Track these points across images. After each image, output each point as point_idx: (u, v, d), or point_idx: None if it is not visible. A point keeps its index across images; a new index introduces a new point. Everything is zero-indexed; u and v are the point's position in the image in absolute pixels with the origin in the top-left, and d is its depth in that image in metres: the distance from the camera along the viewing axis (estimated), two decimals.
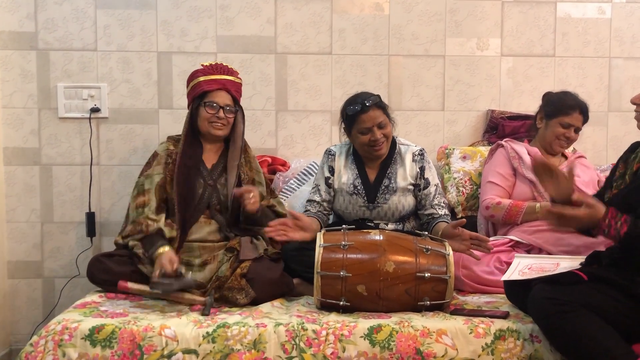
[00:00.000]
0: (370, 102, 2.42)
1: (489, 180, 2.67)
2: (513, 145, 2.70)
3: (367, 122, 2.42)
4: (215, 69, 2.52)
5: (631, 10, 3.12)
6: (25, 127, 2.99)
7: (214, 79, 2.49)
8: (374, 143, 2.44)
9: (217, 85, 2.49)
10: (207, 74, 2.50)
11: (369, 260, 2.09)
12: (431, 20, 3.07)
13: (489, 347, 1.93)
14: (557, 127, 2.64)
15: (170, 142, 2.55)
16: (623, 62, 3.14)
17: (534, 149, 2.67)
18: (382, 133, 2.44)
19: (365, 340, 1.93)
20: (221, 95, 2.49)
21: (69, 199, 3.02)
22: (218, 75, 2.50)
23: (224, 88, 2.50)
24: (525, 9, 3.10)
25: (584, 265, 1.95)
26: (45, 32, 2.97)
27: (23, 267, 3.03)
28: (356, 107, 2.42)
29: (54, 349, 1.91)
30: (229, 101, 2.50)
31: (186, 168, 2.45)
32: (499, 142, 2.77)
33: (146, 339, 1.92)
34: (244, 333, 1.95)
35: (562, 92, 2.71)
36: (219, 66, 2.53)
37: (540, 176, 1.90)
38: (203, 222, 2.44)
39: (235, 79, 2.55)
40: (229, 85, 2.51)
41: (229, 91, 2.51)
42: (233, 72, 2.56)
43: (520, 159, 2.64)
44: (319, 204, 2.55)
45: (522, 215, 2.54)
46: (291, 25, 3.04)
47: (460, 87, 3.11)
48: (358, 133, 2.46)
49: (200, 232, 2.43)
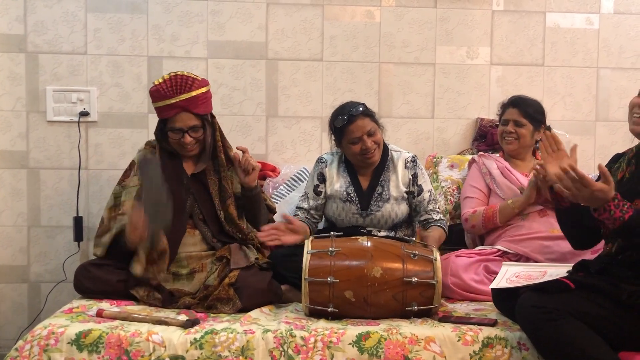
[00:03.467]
0: (357, 111, 2.42)
1: (466, 196, 2.71)
2: (485, 160, 2.73)
3: (356, 132, 2.43)
4: (170, 89, 2.29)
5: (618, 22, 3.17)
6: (13, 130, 2.97)
7: (169, 104, 2.30)
8: (365, 152, 2.44)
9: (175, 110, 2.30)
10: (163, 99, 2.30)
11: (357, 266, 2.09)
12: (422, 29, 3.09)
13: (477, 355, 1.94)
14: (500, 127, 2.72)
15: (148, 149, 2.46)
16: (610, 72, 3.18)
17: (504, 163, 2.70)
18: (373, 140, 2.45)
19: (353, 348, 1.93)
20: (182, 118, 2.31)
21: (57, 203, 2.99)
22: (174, 98, 2.29)
23: (184, 109, 2.30)
24: (515, 19, 3.13)
25: (571, 273, 1.96)
26: (35, 35, 2.95)
27: (9, 272, 3.00)
28: (344, 118, 2.43)
29: (39, 353, 1.89)
30: (193, 121, 2.33)
31: (170, 180, 2.33)
32: (473, 157, 2.82)
33: (133, 344, 1.91)
34: (231, 339, 1.94)
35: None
36: (173, 84, 2.29)
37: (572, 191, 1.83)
38: (187, 233, 2.38)
39: (196, 92, 2.31)
40: (188, 104, 2.30)
41: (190, 110, 2.31)
42: (191, 85, 2.31)
43: (490, 175, 2.67)
44: (307, 211, 2.55)
45: (499, 214, 2.56)
46: (282, 31, 3.05)
47: (450, 95, 3.13)
48: (349, 144, 2.47)
49: (185, 242, 2.36)
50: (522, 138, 2.66)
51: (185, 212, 2.38)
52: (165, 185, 2.26)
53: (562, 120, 3.14)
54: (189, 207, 2.39)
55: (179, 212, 2.35)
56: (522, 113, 2.66)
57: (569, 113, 3.17)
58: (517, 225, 2.56)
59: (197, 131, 2.36)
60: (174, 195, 2.32)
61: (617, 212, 1.79)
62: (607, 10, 3.16)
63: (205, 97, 2.38)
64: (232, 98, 3.04)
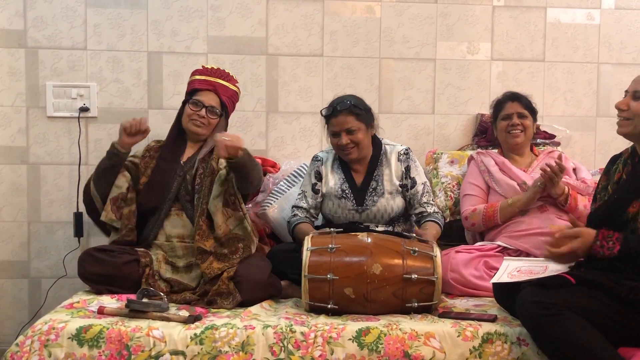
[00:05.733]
0: (342, 107, 2.42)
1: (465, 194, 2.71)
2: (483, 158, 2.72)
3: (335, 125, 2.44)
4: (212, 72, 2.57)
5: (619, 17, 3.16)
6: (13, 125, 2.97)
7: (206, 79, 2.55)
8: (341, 147, 2.45)
9: (207, 86, 2.53)
10: (202, 74, 2.56)
11: (356, 263, 2.09)
12: (422, 24, 3.08)
13: (477, 350, 1.94)
14: (501, 123, 2.70)
15: (153, 140, 2.61)
16: (611, 68, 3.17)
17: (502, 159, 2.69)
18: (350, 139, 2.44)
19: (353, 343, 1.93)
20: (208, 95, 2.52)
21: (57, 198, 2.99)
22: (212, 78, 2.55)
23: (214, 90, 2.53)
24: (516, 14, 3.12)
25: (572, 269, 1.96)
26: (35, 30, 2.94)
27: (9, 267, 3.00)
28: (328, 110, 2.45)
29: (39, 349, 1.90)
30: (215, 103, 2.52)
31: (164, 160, 2.49)
32: (471, 154, 2.81)
33: (134, 340, 1.91)
34: (232, 335, 1.94)
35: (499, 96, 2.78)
36: (216, 70, 2.58)
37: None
38: (176, 216, 2.44)
39: (230, 86, 2.59)
40: (220, 88, 2.54)
41: (219, 94, 2.53)
42: (231, 79, 2.60)
43: (489, 172, 2.67)
44: (306, 210, 2.54)
45: (499, 213, 2.56)
46: (282, 26, 3.04)
47: (450, 91, 3.12)
48: (330, 135, 2.49)
49: (176, 226, 2.43)
50: (528, 129, 2.67)
51: (169, 191, 2.45)
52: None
53: (563, 116, 3.13)
54: (175, 188, 2.46)
55: (164, 191, 2.44)
56: (523, 105, 2.68)
57: (569, 109, 3.16)
58: (518, 221, 2.56)
59: (214, 114, 2.50)
60: (163, 174, 2.46)
61: (605, 251, 1.84)
62: (608, 5, 3.15)
63: (234, 97, 2.63)
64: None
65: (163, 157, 2.51)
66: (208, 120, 2.50)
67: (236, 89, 2.62)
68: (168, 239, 2.43)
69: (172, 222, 2.44)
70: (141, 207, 2.45)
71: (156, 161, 2.51)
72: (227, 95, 2.56)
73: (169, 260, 2.39)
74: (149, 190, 2.46)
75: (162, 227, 2.44)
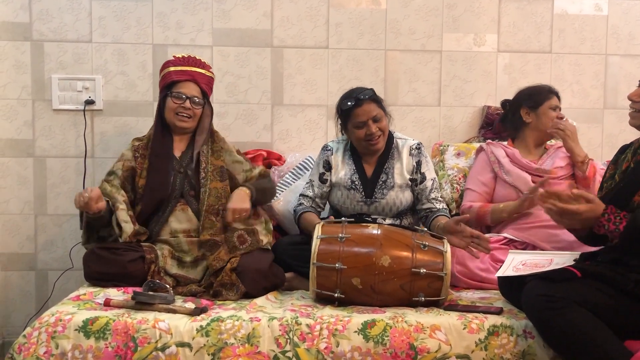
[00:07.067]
0: (364, 95, 2.42)
1: (468, 187, 2.70)
2: (493, 149, 2.71)
3: (361, 115, 2.42)
4: (187, 61, 2.51)
5: (628, 8, 3.13)
6: (19, 118, 2.97)
7: (183, 70, 2.49)
8: (370, 137, 2.44)
9: (185, 77, 2.48)
10: (177, 65, 2.50)
11: (365, 253, 2.09)
12: (428, 15, 3.07)
13: (483, 343, 1.94)
14: (549, 112, 2.66)
15: (134, 140, 2.57)
16: (619, 60, 3.14)
17: (513, 150, 2.67)
18: (378, 127, 2.44)
19: (359, 335, 1.93)
20: (189, 86, 2.48)
21: (63, 191, 3.00)
22: (188, 67, 2.50)
23: (193, 80, 2.49)
24: (522, 5, 3.10)
25: (578, 262, 1.95)
26: (40, 23, 2.95)
27: (16, 260, 3.01)
28: (350, 101, 2.42)
29: (47, 340, 1.91)
30: (197, 93, 2.49)
31: (157, 157, 2.46)
32: (481, 145, 2.79)
33: (140, 331, 1.92)
34: (237, 327, 1.94)
35: (532, 85, 2.75)
36: (190, 59, 2.53)
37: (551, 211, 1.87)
38: (181, 210, 2.43)
39: (206, 72, 2.54)
40: (198, 77, 2.50)
41: (198, 83, 2.49)
42: (205, 65, 2.55)
43: (499, 163, 2.65)
44: (312, 199, 2.55)
45: (490, 215, 2.56)
46: (288, 18, 3.03)
47: (456, 83, 3.10)
48: (354, 128, 2.46)
49: (181, 221, 2.42)
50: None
51: (173, 190, 2.43)
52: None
53: (570, 108, 3.11)
54: (179, 186, 2.45)
55: (166, 188, 2.42)
56: (559, 99, 2.69)
57: (576, 101, 3.14)
58: (525, 213, 2.55)
59: (197, 105, 2.48)
60: (160, 172, 2.43)
61: (610, 225, 1.81)
62: None
63: (211, 82, 2.59)
64: (238, 86, 3.03)
65: (155, 155, 2.46)
66: (193, 112, 2.48)
67: (211, 74, 2.58)
68: (173, 234, 2.41)
69: (177, 217, 2.42)
70: (146, 209, 2.42)
71: (149, 160, 2.47)
72: (205, 82, 2.52)
73: (175, 255, 2.39)
74: (151, 192, 2.42)
75: (167, 223, 2.42)
